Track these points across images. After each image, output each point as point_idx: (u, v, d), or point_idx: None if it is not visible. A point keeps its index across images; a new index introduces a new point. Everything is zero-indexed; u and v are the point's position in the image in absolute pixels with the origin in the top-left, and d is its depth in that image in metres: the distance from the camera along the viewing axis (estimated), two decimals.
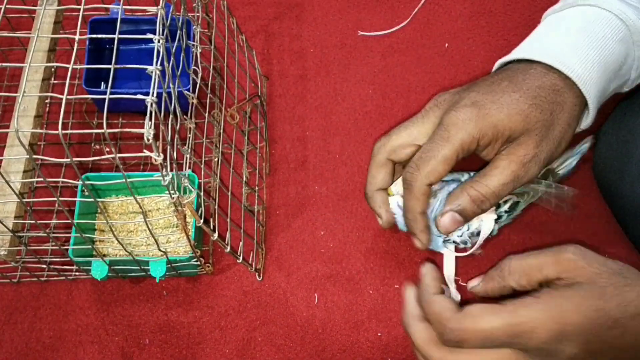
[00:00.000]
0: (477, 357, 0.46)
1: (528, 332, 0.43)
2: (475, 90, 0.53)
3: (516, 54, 0.56)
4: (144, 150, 0.40)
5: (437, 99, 0.55)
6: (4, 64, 0.48)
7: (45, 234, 0.52)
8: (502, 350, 0.46)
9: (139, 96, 0.38)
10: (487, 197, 0.51)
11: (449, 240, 0.58)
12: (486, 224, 0.56)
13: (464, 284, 0.58)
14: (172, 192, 0.45)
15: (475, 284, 0.54)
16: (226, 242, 0.56)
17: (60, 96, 0.38)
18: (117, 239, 0.50)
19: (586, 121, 0.56)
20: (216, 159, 0.65)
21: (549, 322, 0.43)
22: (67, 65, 0.39)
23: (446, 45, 0.77)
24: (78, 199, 0.53)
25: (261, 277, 0.65)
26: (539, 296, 0.45)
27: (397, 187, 0.57)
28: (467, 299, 0.58)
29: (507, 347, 0.45)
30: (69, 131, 0.44)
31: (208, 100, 0.58)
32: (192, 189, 0.49)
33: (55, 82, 0.72)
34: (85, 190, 0.61)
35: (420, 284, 0.52)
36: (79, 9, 0.42)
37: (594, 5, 0.55)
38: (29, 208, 0.52)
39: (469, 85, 0.55)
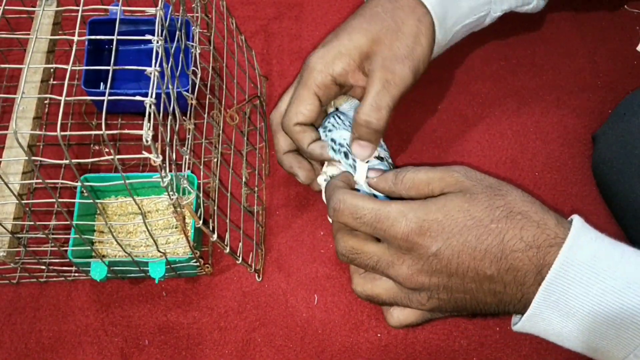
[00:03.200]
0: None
1: (391, 220, 0.47)
2: (333, 32, 0.59)
3: None
4: (143, 152, 0.39)
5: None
6: (2, 65, 0.47)
7: (44, 235, 0.52)
8: (387, 281, 0.51)
9: (138, 97, 0.38)
10: (369, 113, 0.54)
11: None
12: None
13: None
14: (171, 193, 0.45)
15: (373, 176, 0.56)
16: (225, 243, 0.56)
17: (59, 97, 0.38)
18: (116, 240, 0.50)
19: (438, 33, 0.57)
20: (215, 160, 0.65)
21: (411, 217, 0.47)
22: (65, 67, 0.39)
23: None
24: (77, 200, 0.53)
25: (261, 278, 0.65)
26: (413, 200, 0.49)
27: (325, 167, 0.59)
28: None
29: (371, 231, 0.49)
30: (68, 132, 0.44)
31: (207, 101, 0.58)
32: (191, 190, 0.49)
33: (55, 83, 0.72)
34: (85, 191, 0.61)
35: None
36: (78, 10, 0.42)
37: None
38: (28, 209, 0.52)
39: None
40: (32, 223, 0.51)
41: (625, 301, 0.43)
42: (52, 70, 0.70)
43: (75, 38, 0.40)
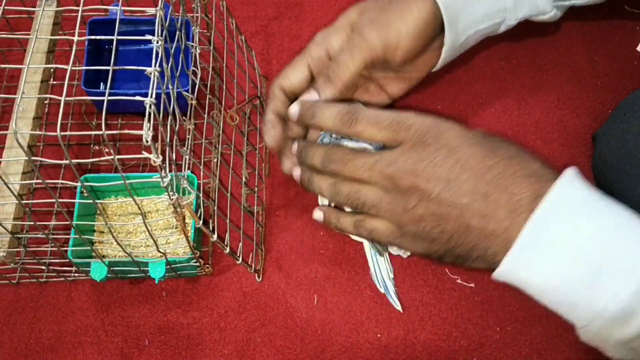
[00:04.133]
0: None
1: (411, 119, 0.50)
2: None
3: None
4: (143, 152, 0.39)
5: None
6: (2, 65, 0.47)
7: (44, 236, 0.52)
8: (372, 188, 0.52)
9: (138, 97, 0.38)
10: (331, 65, 0.57)
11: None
12: None
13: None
14: (171, 193, 0.45)
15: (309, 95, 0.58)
16: (225, 243, 0.56)
17: (59, 97, 0.38)
18: (116, 240, 0.50)
19: (447, 36, 0.58)
20: (215, 160, 0.65)
21: (429, 119, 0.50)
22: (65, 67, 0.39)
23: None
24: (77, 200, 0.53)
25: (261, 278, 0.65)
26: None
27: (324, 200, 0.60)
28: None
29: (392, 136, 0.50)
30: (68, 132, 0.44)
31: (207, 101, 0.58)
32: (191, 190, 0.49)
33: (55, 83, 0.72)
34: (84, 191, 0.61)
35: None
36: (78, 10, 0.42)
37: None
38: (28, 209, 0.52)
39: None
40: (32, 223, 0.51)
41: (610, 244, 0.43)
42: (52, 70, 0.70)
43: (75, 38, 0.40)
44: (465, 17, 0.58)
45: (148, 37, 0.40)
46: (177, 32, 0.49)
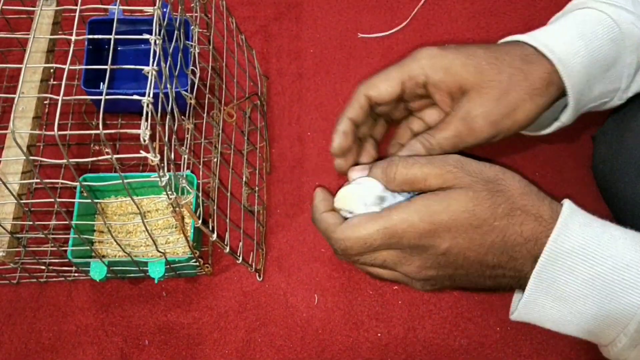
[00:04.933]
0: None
1: (400, 233, 0.47)
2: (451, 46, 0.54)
3: (503, 40, 0.56)
4: (141, 151, 0.39)
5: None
6: (2, 65, 0.47)
7: (44, 236, 0.52)
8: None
9: (135, 97, 0.38)
10: (433, 147, 0.52)
11: None
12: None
13: None
14: (169, 192, 0.45)
15: (362, 168, 0.53)
16: (225, 243, 0.56)
17: (58, 97, 0.37)
18: (115, 240, 0.50)
19: (566, 114, 0.55)
20: (215, 160, 0.65)
21: (419, 223, 0.46)
22: (64, 66, 0.39)
23: (445, 46, 0.77)
24: (77, 200, 0.53)
25: (261, 278, 0.65)
26: (413, 201, 0.47)
27: (340, 202, 0.52)
28: None
29: (386, 248, 0.48)
30: (66, 132, 0.44)
31: (207, 101, 0.58)
32: (190, 190, 0.49)
33: (54, 82, 0.72)
34: (84, 191, 0.61)
35: (312, 206, 0.53)
36: (77, 10, 0.42)
37: (590, 7, 0.55)
38: (27, 209, 0.52)
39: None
40: (31, 223, 0.51)
41: (612, 285, 0.45)
42: (51, 70, 0.70)
43: (74, 37, 0.40)
44: (586, 96, 0.55)
45: (146, 36, 0.40)
46: (176, 32, 0.49)
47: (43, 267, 0.62)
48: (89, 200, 0.47)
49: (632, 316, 0.45)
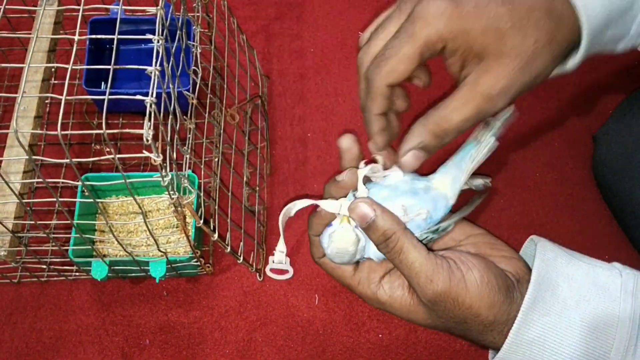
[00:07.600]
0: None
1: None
2: None
3: None
4: (144, 151, 0.39)
5: None
6: (4, 65, 0.48)
7: (45, 235, 0.52)
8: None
9: (138, 97, 0.38)
10: (449, 132, 0.46)
11: None
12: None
13: None
14: (171, 192, 0.45)
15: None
16: (226, 243, 0.56)
17: (60, 97, 0.38)
18: (117, 240, 0.50)
19: (573, 60, 0.48)
20: (216, 159, 0.65)
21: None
22: (66, 66, 0.39)
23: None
24: (78, 199, 0.53)
25: (262, 278, 0.65)
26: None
27: (345, 209, 0.48)
28: None
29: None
30: (68, 132, 0.44)
31: (208, 101, 0.58)
32: (192, 190, 0.49)
33: (56, 82, 0.72)
34: (85, 190, 0.61)
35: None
36: (79, 9, 0.42)
37: None
38: (28, 209, 0.52)
39: None
40: (33, 222, 0.51)
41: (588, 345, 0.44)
42: (53, 69, 0.70)
43: (76, 37, 0.40)
44: (598, 40, 0.49)
45: (149, 36, 0.40)
46: (178, 32, 0.49)
47: (44, 267, 0.62)
48: (91, 200, 0.47)
49: None
